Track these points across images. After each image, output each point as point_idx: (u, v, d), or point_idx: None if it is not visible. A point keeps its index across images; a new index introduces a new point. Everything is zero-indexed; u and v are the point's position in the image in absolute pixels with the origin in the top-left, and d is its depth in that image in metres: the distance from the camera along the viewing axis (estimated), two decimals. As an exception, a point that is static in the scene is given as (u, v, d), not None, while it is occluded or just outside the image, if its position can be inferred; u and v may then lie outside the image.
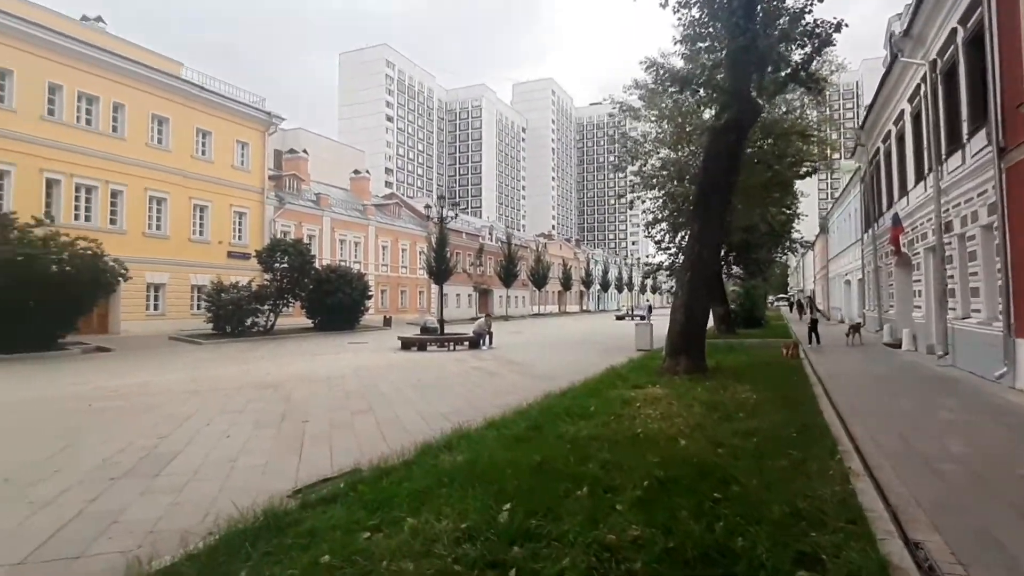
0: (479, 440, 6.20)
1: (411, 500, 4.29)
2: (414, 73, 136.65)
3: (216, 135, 30.07)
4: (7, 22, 21.52)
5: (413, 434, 7.05)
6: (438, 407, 9.12)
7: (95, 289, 19.10)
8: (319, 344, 23.41)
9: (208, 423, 7.98)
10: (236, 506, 4.34)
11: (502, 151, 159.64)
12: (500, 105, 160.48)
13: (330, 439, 7.05)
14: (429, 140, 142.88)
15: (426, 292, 50.55)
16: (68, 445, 6.76)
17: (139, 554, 3.66)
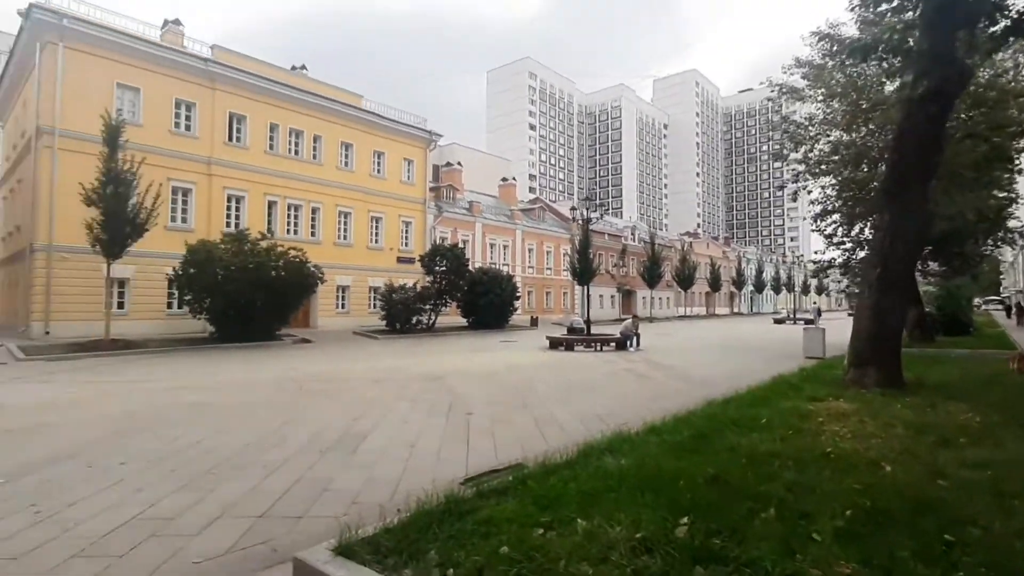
0: (642, 445, 5.99)
1: (580, 501, 4.24)
2: (555, 82, 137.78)
3: (388, 155, 32.64)
4: (243, 78, 25.13)
5: (570, 433, 7.07)
6: (592, 407, 9.04)
7: (302, 290, 21.68)
8: (474, 341, 24.45)
9: (389, 409, 8.64)
10: (423, 490, 4.53)
11: (643, 150, 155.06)
12: (640, 104, 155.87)
13: (493, 432, 7.24)
14: (570, 145, 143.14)
15: (570, 293, 50.72)
16: (287, 420, 7.70)
17: (346, 521, 3.95)
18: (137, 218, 17.58)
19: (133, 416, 7.92)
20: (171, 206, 22.79)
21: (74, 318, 19.88)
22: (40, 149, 20.04)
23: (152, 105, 22.53)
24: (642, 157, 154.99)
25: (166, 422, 7.54)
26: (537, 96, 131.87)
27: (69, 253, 19.90)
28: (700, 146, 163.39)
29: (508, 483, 4.78)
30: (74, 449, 6.11)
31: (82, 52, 20.51)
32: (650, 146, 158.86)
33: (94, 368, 13.98)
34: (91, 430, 7.05)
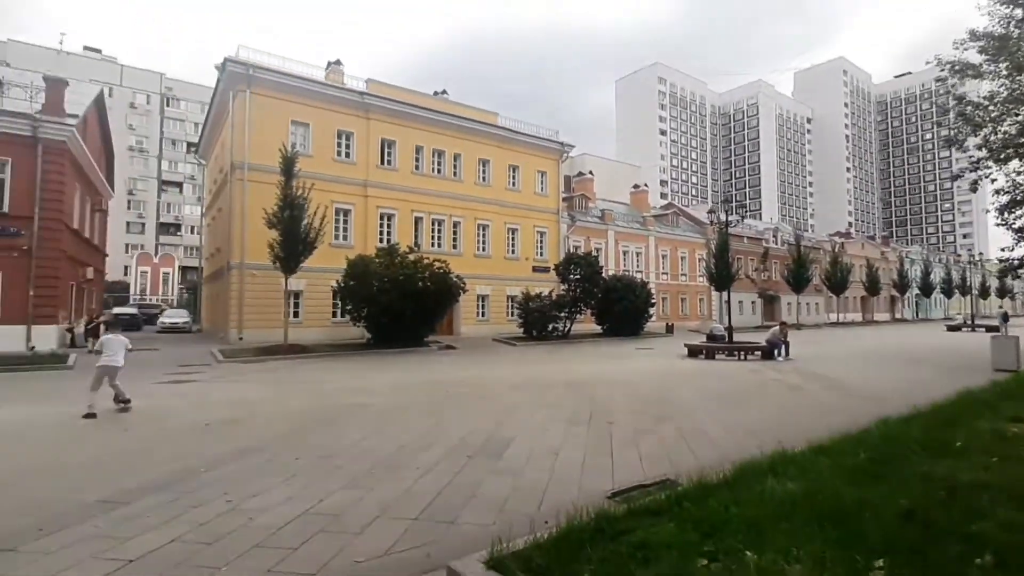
0: (810, 467, 5.27)
1: (747, 530, 3.79)
2: (685, 84, 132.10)
3: (523, 168, 33.28)
4: (392, 106, 27.16)
5: (721, 448, 6.54)
6: (742, 421, 8.29)
7: (446, 299, 22.72)
8: (609, 348, 23.90)
9: (531, 415, 8.56)
10: (571, 503, 4.41)
11: (783, 147, 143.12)
12: (779, 99, 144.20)
13: (637, 444, 6.87)
14: (703, 148, 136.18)
15: (706, 299, 47.95)
16: (437, 423, 7.90)
17: (496, 531, 3.91)
18: (308, 237, 19.65)
19: (306, 415, 8.66)
20: (334, 226, 25.13)
21: (260, 325, 22.63)
22: (234, 181, 23.22)
23: (319, 137, 25.13)
24: (783, 155, 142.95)
25: (333, 421, 8.13)
26: (667, 101, 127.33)
27: (257, 270, 22.72)
28: (850, 139, 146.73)
29: (661, 502, 4.44)
30: (258, 443, 6.75)
31: (265, 96, 23.47)
32: (792, 143, 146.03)
33: (275, 370, 15.72)
34: (272, 427, 7.78)
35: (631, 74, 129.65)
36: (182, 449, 6.50)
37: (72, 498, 4.77)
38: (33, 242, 18.42)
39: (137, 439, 7.09)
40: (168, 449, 6.53)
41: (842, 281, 53.00)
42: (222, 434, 7.31)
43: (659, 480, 5.37)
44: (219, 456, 6.16)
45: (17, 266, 18.30)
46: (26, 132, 18.23)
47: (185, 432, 7.42)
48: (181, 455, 6.20)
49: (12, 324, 18.15)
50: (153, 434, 7.34)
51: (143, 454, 6.34)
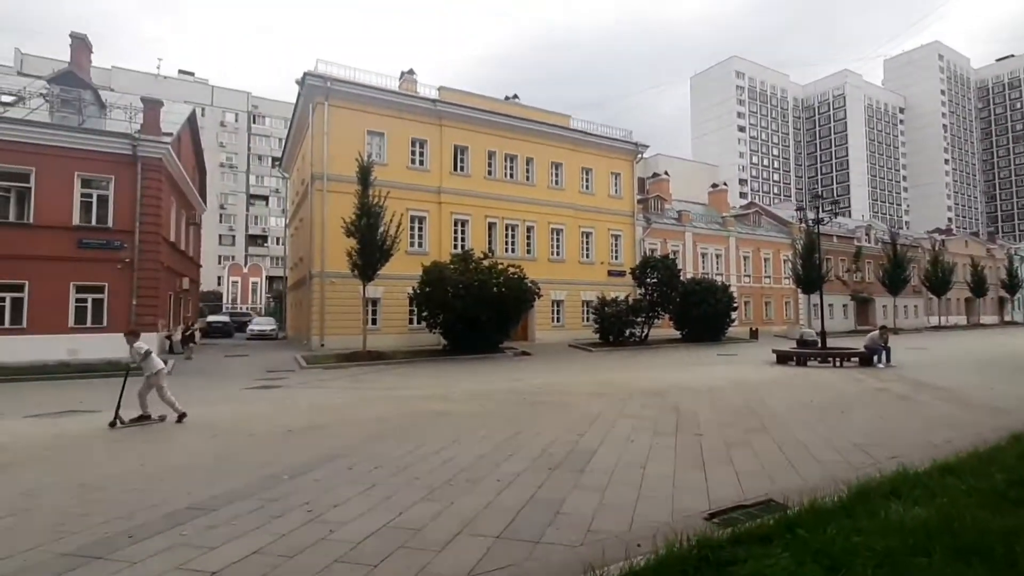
0: (939, 491, 4.57)
1: (878, 565, 3.26)
2: (765, 77, 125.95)
3: (596, 170, 32.54)
4: (464, 112, 27.36)
5: (827, 465, 5.86)
6: (847, 435, 7.42)
7: (521, 305, 22.39)
8: (689, 354, 22.75)
9: (613, 425, 8.07)
10: (666, 524, 4.04)
11: (873, 140, 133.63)
12: (868, 88, 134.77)
13: (730, 457, 6.27)
14: (785, 143, 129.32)
15: (792, 303, 45.04)
16: (516, 432, 7.55)
17: (583, 553, 3.66)
18: (384, 245, 19.92)
19: (385, 422, 8.50)
20: (409, 233, 25.48)
21: (341, 332, 23.21)
22: (314, 192, 24.04)
23: (393, 146, 25.61)
24: (873, 148, 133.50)
25: (412, 429, 7.90)
26: (746, 95, 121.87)
27: (336, 278, 23.34)
28: (948, 128, 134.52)
29: (770, 527, 3.93)
30: (339, 451, 6.64)
31: (342, 108, 24.21)
32: (882, 135, 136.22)
33: (355, 376, 15.90)
34: (352, 434, 7.67)
35: (706, 70, 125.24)
36: (266, 455, 6.47)
37: (163, 504, 4.81)
38: (134, 255, 19.74)
39: (225, 445, 7.15)
40: (254, 455, 6.51)
41: (944, 282, 48.47)
42: (304, 441, 7.30)
43: (761, 500, 4.82)
44: (301, 463, 6.12)
45: (121, 278, 19.68)
46: (126, 151, 19.64)
47: (270, 438, 7.43)
48: (266, 461, 6.17)
49: (117, 332, 19.40)
50: (240, 440, 7.41)
51: (230, 460, 6.37)
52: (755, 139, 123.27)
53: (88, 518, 4.42)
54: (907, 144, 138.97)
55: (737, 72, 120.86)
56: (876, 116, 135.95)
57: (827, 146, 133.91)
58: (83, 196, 19.46)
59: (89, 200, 19.59)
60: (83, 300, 19.41)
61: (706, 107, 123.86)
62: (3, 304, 18.43)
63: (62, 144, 18.96)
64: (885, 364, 16.57)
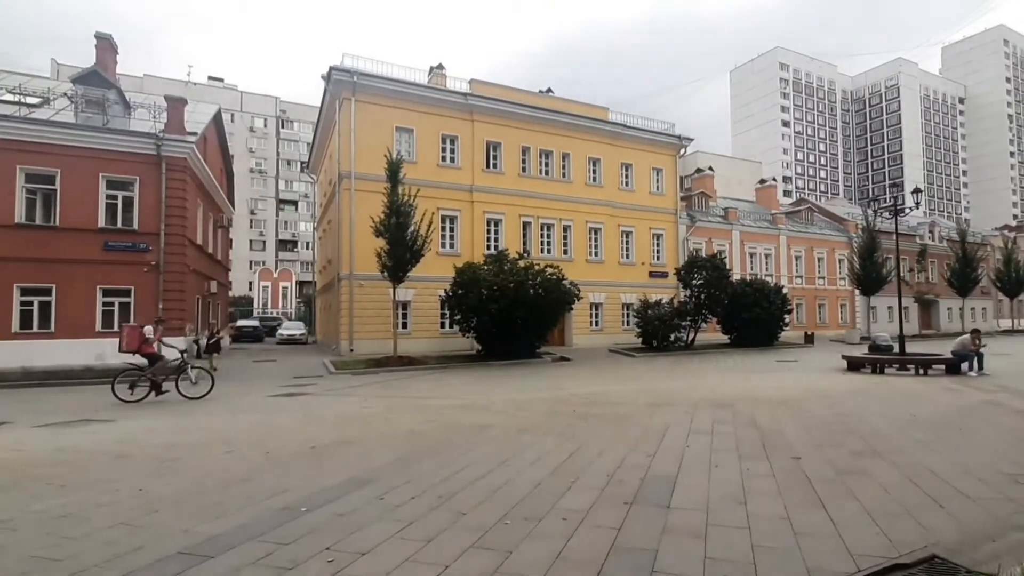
0: None
1: None
2: (811, 69, 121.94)
3: (636, 166, 31.35)
4: (497, 106, 26.56)
5: (985, 504, 4.66)
6: (986, 460, 6.16)
7: (559, 307, 21.41)
8: (743, 360, 21.35)
9: (686, 444, 6.98)
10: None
11: (929, 132, 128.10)
12: (925, 78, 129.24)
13: (851, 491, 5.09)
14: (832, 138, 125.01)
15: (849, 305, 42.85)
16: (573, 452, 6.56)
17: None
18: (415, 245, 19.24)
19: (420, 437, 7.63)
20: (441, 233, 24.80)
21: (370, 336, 22.65)
22: (342, 192, 23.57)
23: (423, 142, 24.99)
24: (929, 141, 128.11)
25: (451, 447, 7.01)
26: (790, 88, 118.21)
27: (366, 281, 22.80)
28: (1014, 119, 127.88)
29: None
30: (368, 473, 5.79)
31: (369, 103, 23.70)
32: (940, 127, 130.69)
33: (386, 383, 15.17)
34: (382, 451, 6.83)
35: (748, 62, 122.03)
36: (285, 479, 5.66)
37: (151, 546, 3.99)
38: (160, 257, 19.52)
39: (239, 463, 6.38)
40: (270, 478, 5.71)
41: (1018, 282, 45.37)
42: (329, 459, 6.48)
43: (924, 558, 3.67)
44: (324, 490, 5.26)
45: (147, 280, 19.49)
46: (151, 151, 19.46)
47: (290, 457, 6.64)
48: (283, 486, 5.36)
49: (144, 336, 19.25)
50: (257, 457, 6.63)
51: (242, 484, 5.55)
52: (800, 134, 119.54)
53: (54, 568, 3.63)
54: (967, 136, 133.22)
55: (781, 64, 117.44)
56: (933, 107, 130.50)
57: (879, 140, 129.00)
58: (108, 198, 19.37)
59: (114, 202, 19.48)
60: (110, 304, 19.28)
61: (747, 102, 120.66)
62: (32, 308, 18.41)
63: (86, 145, 18.90)
64: (977, 372, 14.92)
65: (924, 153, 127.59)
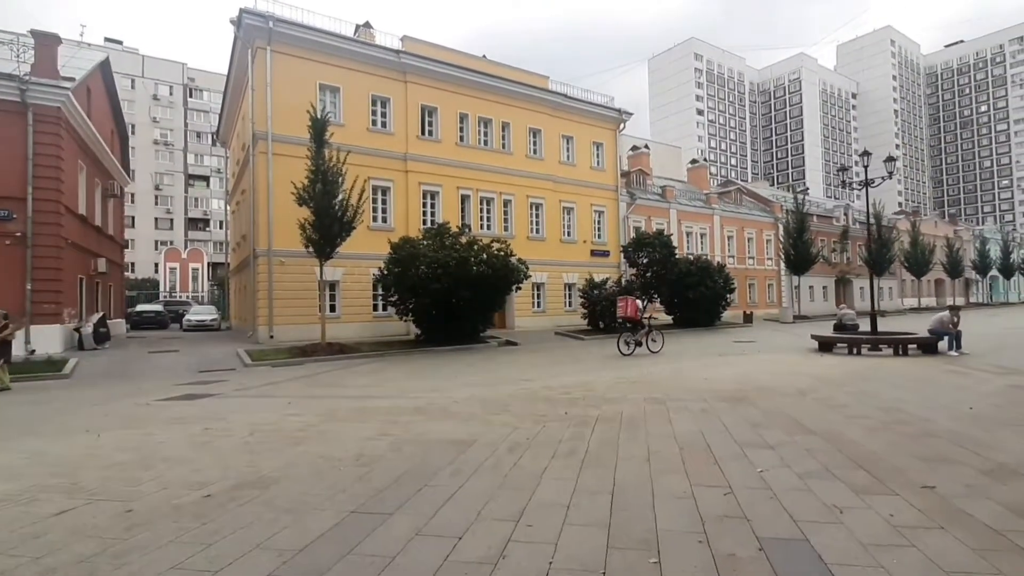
0: None
1: None
2: (723, 61, 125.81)
3: (577, 139, 29.54)
4: (432, 67, 23.67)
5: None
6: None
7: (506, 287, 19.30)
8: (699, 342, 20.19)
9: (757, 468, 4.93)
10: None
11: (827, 124, 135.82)
12: (823, 73, 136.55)
13: None
14: (742, 127, 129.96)
15: (775, 284, 43.61)
16: (613, 486, 4.39)
17: None
18: (345, 215, 16.45)
19: (374, 467, 5.19)
20: (372, 205, 21.91)
21: (293, 321, 19.60)
22: (256, 155, 20.12)
23: (351, 104, 21.84)
24: (827, 132, 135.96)
25: (423, 484, 4.66)
26: (704, 78, 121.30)
27: (287, 257, 19.66)
28: (899, 113, 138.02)
29: None
30: (291, 553, 3.32)
31: (288, 55, 20.25)
32: (836, 118, 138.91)
33: (314, 377, 12.49)
34: (319, 499, 4.34)
35: (665, 51, 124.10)
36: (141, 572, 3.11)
37: None
38: (28, 227, 15.54)
39: (67, 540, 3.71)
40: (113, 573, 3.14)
41: (924, 262, 48.03)
42: (229, 524, 3.91)
43: None
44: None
45: (11, 256, 15.48)
46: (13, 96, 15.32)
47: (166, 515, 4.06)
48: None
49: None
50: (104, 523, 3.96)
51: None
52: (713, 123, 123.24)
53: None
54: (859, 129, 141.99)
55: (696, 54, 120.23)
56: (830, 100, 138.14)
57: (783, 130, 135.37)
58: (-48, 154, 15.13)
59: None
60: (-44, 286, 15.15)
61: (664, 90, 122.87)
62: None
63: (-82, 86, 14.56)
64: (957, 351, 13.91)
65: (823, 144, 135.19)
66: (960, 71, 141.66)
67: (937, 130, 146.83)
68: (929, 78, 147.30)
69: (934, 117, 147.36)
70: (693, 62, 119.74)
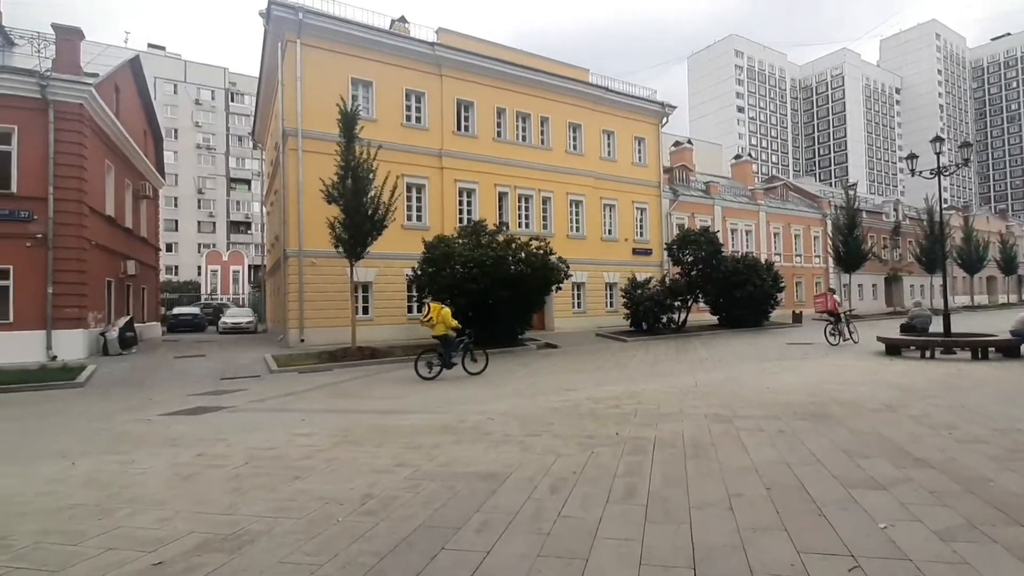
0: None
1: None
2: (764, 57, 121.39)
3: (618, 134, 27.86)
4: (468, 59, 22.41)
5: None
6: None
7: (546, 286, 17.85)
8: (750, 344, 18.28)
9: (861, 507, 3.62)
10: None
11: (871, 120, 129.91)
12: (866, 68, 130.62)
13: None
14: (783, 124, 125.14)
15: (823, 282, 40.86)
16: (701, 552, 2.95)
17: None
18: (376, 213, 15.25)
19: (381, 515, 3.86)
20: (406, 203, 20.78)
21: (324, 324, 18.62)
22: (287, 153, 19.18)
23: (384, 98, 20.74)
24: (871, 128, 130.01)
25: (439, 547, 3.26)
26: (744, 75, 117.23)
27: (318, 258, 18.68)
28: (944, 108, 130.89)
29: None
30: None
31: (318, 48, 19.27)
32: (879, 114, 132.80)
33: (338, 386, 11.28)
34: (299, 571, 3.02)
35: (705, 49, 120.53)
36: None
37: None
38: (49, 228, 14.87)
39: None
40: None
41: (978, 259, 44.54)
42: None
43: None
44: None
45: (33, 258, 14.82)
46: (33, 93, 14.67)
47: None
48: None
49: (29, 329, 14.68)
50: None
51: None
52: (754, 120, 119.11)
53: None
54: (903, 124, 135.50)
55: (736, 51, 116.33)
56: (873, 96, 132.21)
57: (825, 127, 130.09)
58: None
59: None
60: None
61: (704, 87, 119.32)
62: None
63: (-57, 83, 14.02)
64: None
65: (866, 140, 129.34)
66: (1007, 64, 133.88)
67: (983, 124, 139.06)
68: (975, 72, 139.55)
69: (980, 112, 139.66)
70: (734, 59, 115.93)
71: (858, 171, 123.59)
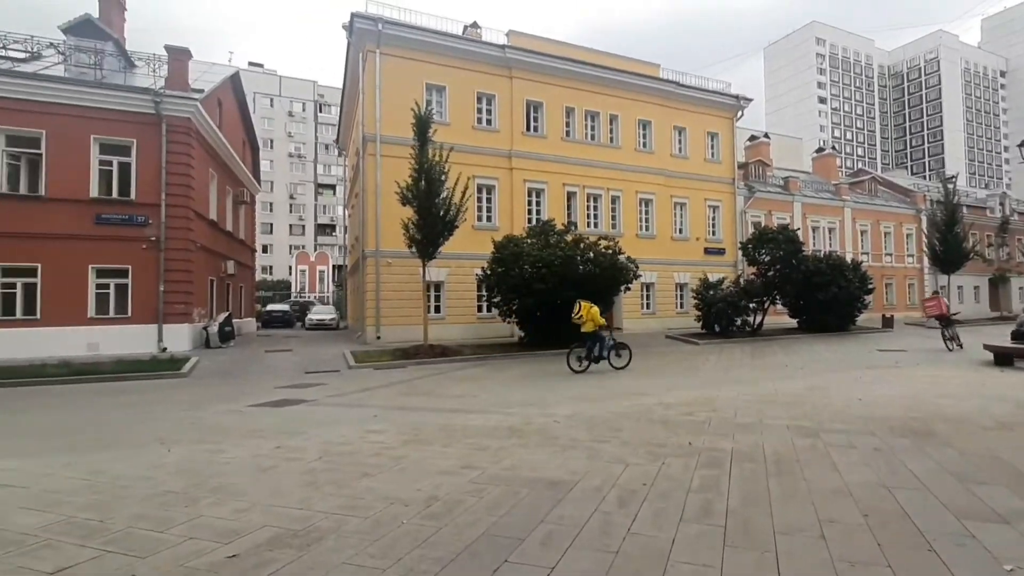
0: None
1: None
2: (848, 44, 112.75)
3: (690, 130, 26.72)
4: (537, 60, 22.27)
5: None
6: None
7: (615, 286, 17.39)
8: (832, 350, 16.93)
9: (980, 544, 3.13)
10: None
11: (971, 106, 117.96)
12: (965, 51, 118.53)
13: None
14: (870, 114, 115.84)
15: (917, 284, 37.33)
16: (737, 539, 2.60)
17: None
18: (448, 214, 15.42)
19: (445, 519, 3.77)
20: (476, 204, 20.92)
21: (399, 322, 19.07)
22: (366, 157, 19.82)
23: (456, 102, 20.97)
24: (971, 116, 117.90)
25: (517, 541, 3.12)
26: (827, 64, 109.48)
27: (393, 258, 19.17)
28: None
29: None
30: None
31: (396, 56, 19.76)
32: (980, 99, 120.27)
33: (411, 382, 11.45)
34: (361, 573, 2.96)
35: (783, 38, 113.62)
36: None
37: None
38: (162, 232, 16.15)
39: None
40: None
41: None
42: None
43: None
44: None
45: (148, 259, 16.15)
46: (148, 109, 15.98)
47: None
48: None
49: (144, 323, 16.03)
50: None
51: None
52: (837, 111, 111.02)
53: None
54: (1009, 111, 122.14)
55: (817, 39, 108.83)
56: (973, 81, 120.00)
57: (918, 116, 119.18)
58: (101, 163, 16.05)
59: (108, 168, 16.14)
60: (104, 286, 16.03)
61: (782, 79, 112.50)
62: (14, 291, 15.29)
63: (75, 102, 15.56)
64: None
65: (965, 128, 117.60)
66: None
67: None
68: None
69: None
70: (815, 47, 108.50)
71: (956, 163, 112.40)
